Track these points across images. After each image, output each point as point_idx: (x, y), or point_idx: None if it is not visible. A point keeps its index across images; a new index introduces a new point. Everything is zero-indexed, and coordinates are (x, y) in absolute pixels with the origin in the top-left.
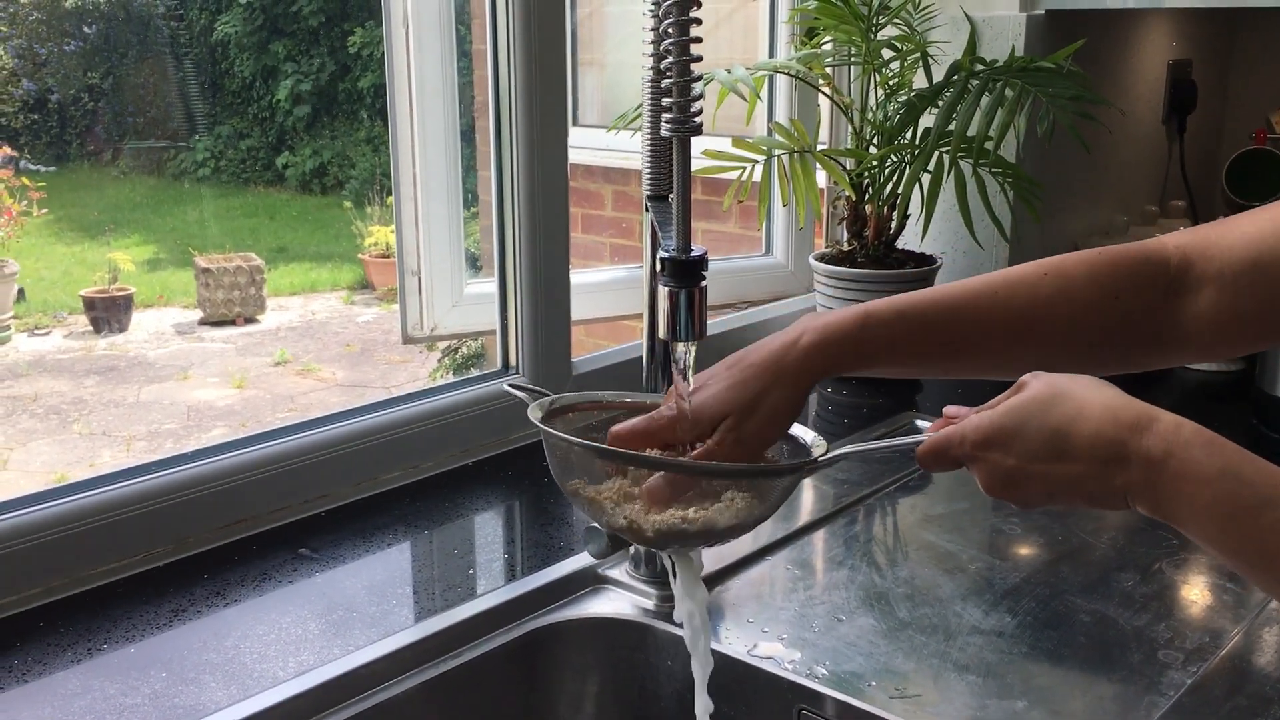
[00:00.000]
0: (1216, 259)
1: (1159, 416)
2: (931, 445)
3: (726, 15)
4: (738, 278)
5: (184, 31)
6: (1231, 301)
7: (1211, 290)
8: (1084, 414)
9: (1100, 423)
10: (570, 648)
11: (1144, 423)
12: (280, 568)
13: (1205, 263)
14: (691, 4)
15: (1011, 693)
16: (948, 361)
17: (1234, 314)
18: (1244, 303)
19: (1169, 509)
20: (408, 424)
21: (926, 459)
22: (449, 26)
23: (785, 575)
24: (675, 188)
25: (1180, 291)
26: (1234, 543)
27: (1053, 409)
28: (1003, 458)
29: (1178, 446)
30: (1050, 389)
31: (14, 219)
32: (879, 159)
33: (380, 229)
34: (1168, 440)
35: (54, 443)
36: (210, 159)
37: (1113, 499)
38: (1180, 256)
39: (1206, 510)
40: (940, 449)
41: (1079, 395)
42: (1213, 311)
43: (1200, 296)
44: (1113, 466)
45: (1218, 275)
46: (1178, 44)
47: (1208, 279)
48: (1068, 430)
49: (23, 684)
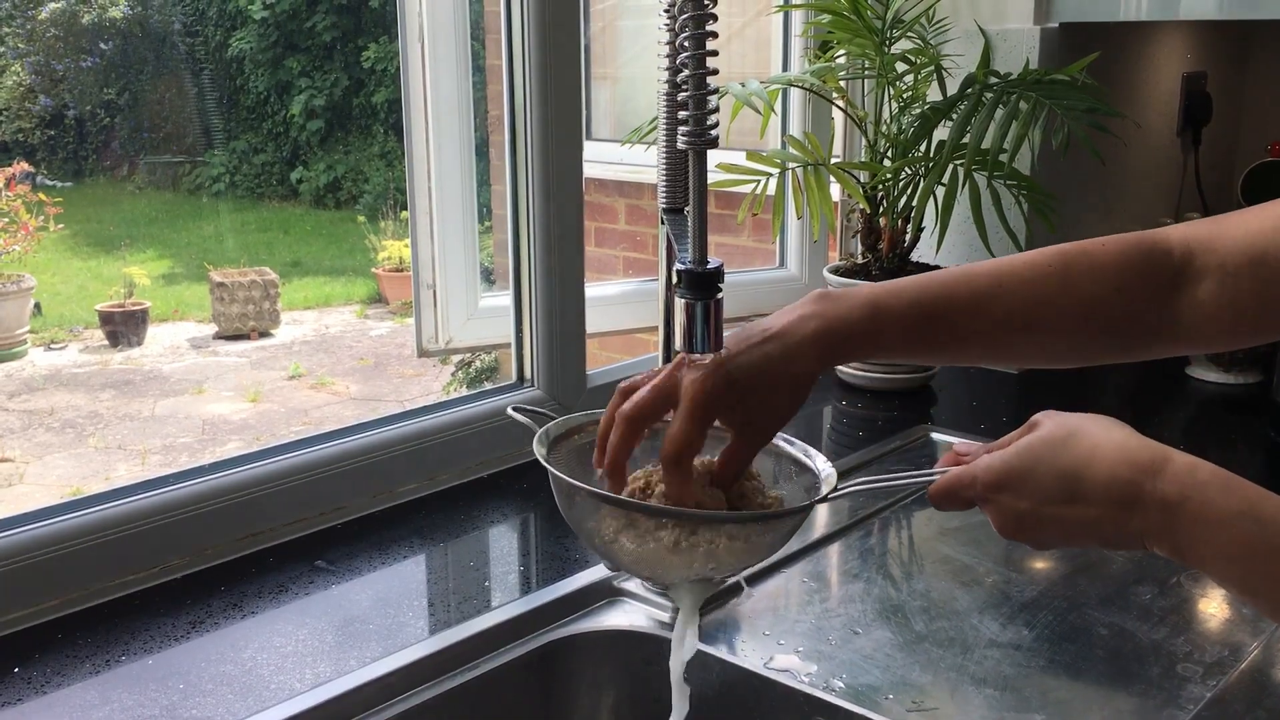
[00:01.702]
0: (1219, 252)
1: (1173, 458)
2: (942, 486)
3: (739, 29)
4: (752, 291)
5: (200, 48)
6: (1232, 294)
7: (1212, 283)
8: (1097, 456)
9: (1114, 465)
10: (586, 660)
11: (1158, 464)
12: (296, 580)
13: (1207, 255)
14: (707, 17)
15: (1029, 706)
16: (953, 351)
17: (1234, 307)
18: (1244, 296)
19: (1187, 552)
20: (423, 437)
21: (938, 499)
22: (464, 41)
23: (801, 588)
24: (691, 199)
25: (1182, 283)
26: (1255, 584)
27: (1065, 451)
28: (1015, 500)
29: (1194, 488)
30: (1063, 429)
31: (31, 234)
32: (893, 172)
33: (394, 243)
34: (1183, 482)
35: (70, 456)
36: (225, 174)
37: (1129, 542)
38: (1184, 248)
39: (1225, 552)
40: (951, 490)
41: (1092, 436)
42: (1213, 304)
43: (1201, 288)
44: (1127, 510)
45: (1219, 268)
46: (1192, 56)
47: (1209, 271)
48: (1080, 473)
49: (41, 695)
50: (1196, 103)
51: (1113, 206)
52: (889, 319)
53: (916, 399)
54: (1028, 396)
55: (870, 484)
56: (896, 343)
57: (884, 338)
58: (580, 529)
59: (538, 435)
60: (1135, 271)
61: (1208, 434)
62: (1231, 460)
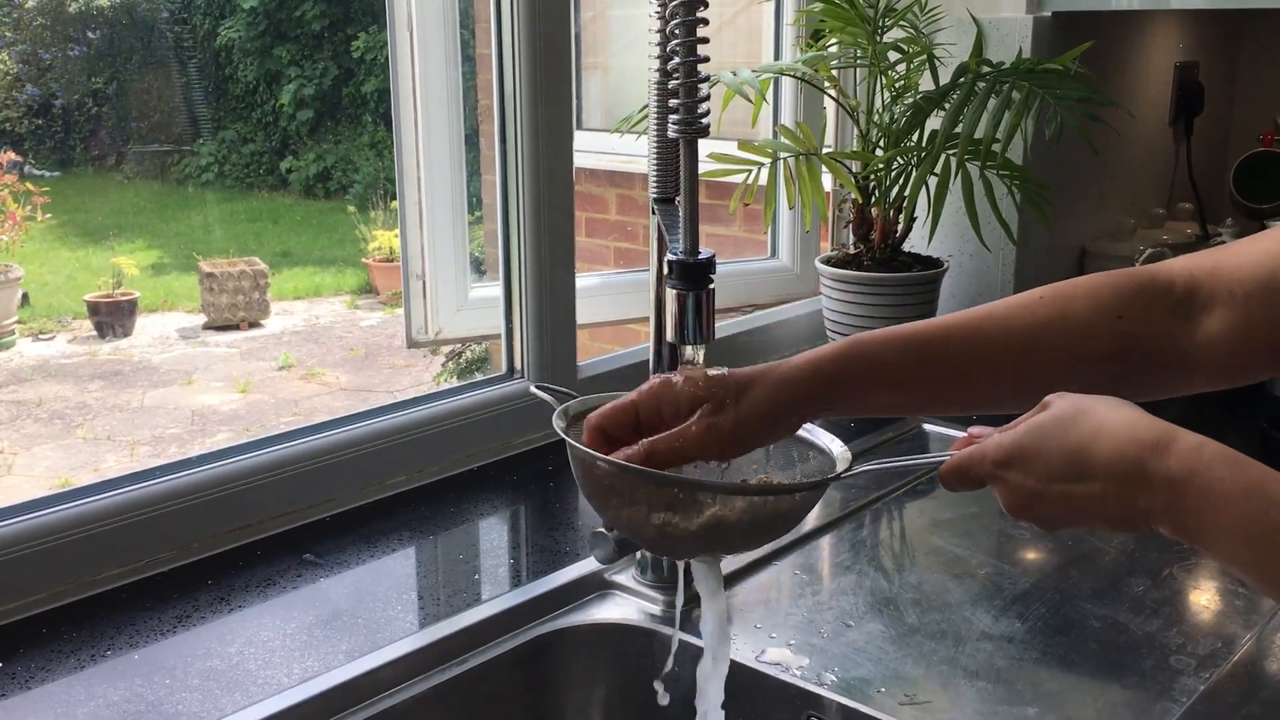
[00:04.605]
0: (1226, 279)
1: (1180, 436)
2: (954, 464)
3: (731, 18)
4: (743, 281)
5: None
6: (1244, 321)
7: (1223, 310)
8: (1104, 433)
9: (1120, 442)
10: (577, 653)
11: (1165, 442)
12: (285, 573)
13: (1215, 283)
14: (697, 5)
15: (1022, 699)
16: (948, 389)
17: (1247, 334)
18: (1257, 322)
19: (1193, 530)
20: (412, 429)
21: (949, 478)
22: (453, 31)
23: (793, 580)
24: (682, 189)
25: (1190, 313)
26: (1263, 564)
27: (1073, 428)
28: (1023, 478)
29: (1201, 466)
30: (1072, 408)
31: (18, 224)
32: (885, 162)
33: (384, 233)
34: (1190, 460)
35: (58, 448)
36: (214, 164)
37: (1135, 520)
38: (1186, 278)
39: (1232, 531)
40: (962, 468)
41: (1099, 414)
42: (1225, 332)
43: (1211, 317)
44: (1133, 487)
45: (1229, 296)
46: (1185, 46)
47: (1218, 299)
48: (1087, 449)
49: (26, 690)
50: (1189, 92)
51: (1105, 196)
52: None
53: None
54: None
55: (885, 464)
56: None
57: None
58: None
59: (557, 411)
60: (1135, 298)
61: (1200, 426)
62: None
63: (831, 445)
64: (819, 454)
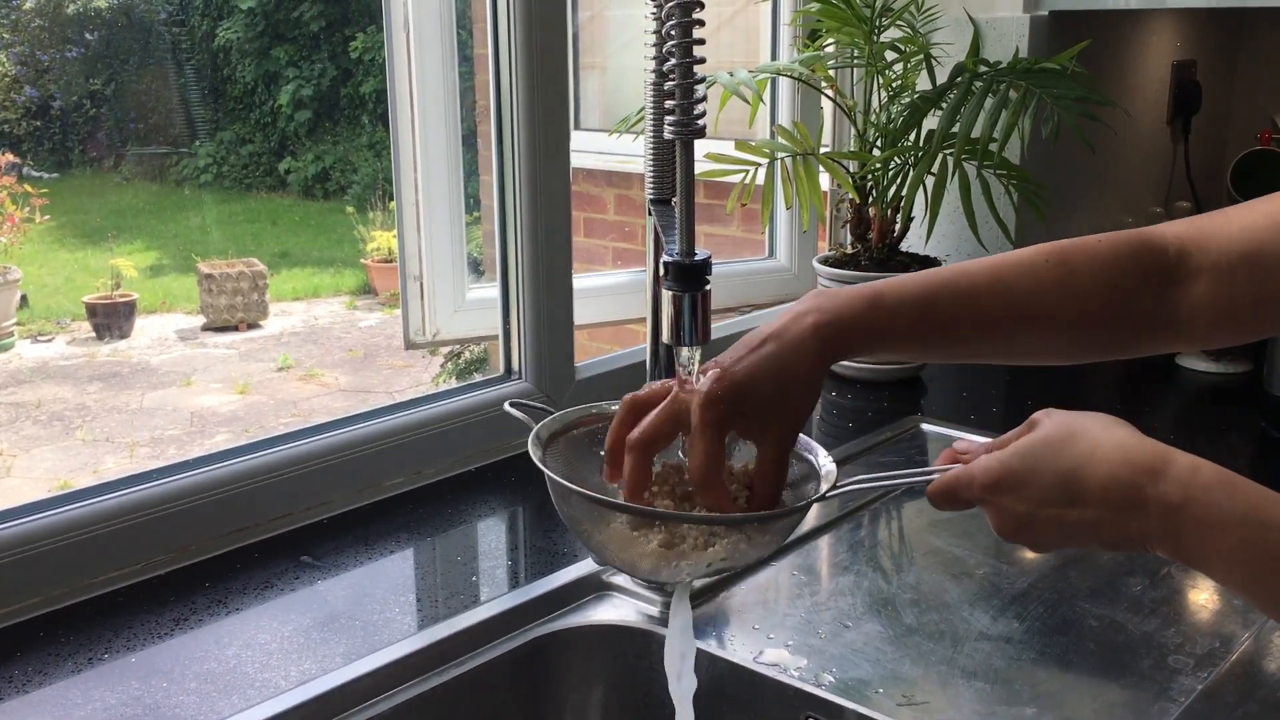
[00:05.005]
0: (1213, 249)
1: (1174, 459)
2: (940, 486)
3: (728, 19)
4: (741, 281)
5: (185, 38)
6: (1227, 291)
7: (1207, 280)
8: (1096, 456)
9: (1113, 465)
10: (575, 655)
11: (1159, 466)
12: (282, 576)
13: (1202, 253)
14: (694, 5)
15: (1020, 699)
16: (953, 347)
17: (1228, 304)
18: (1239, 293)
19: (1191, 555)
20: (410, 430)
21: (937, 500)
22: (450, 31)
23: (790, 581)
24: (679, 190)
25: (1177, 280)
26: (1259, 588)
27: (1064, 451)
28: (1014, 502)
29: (1197, 490)
30: (1062, 429)
31: (17, 226)
32: (882, 161)
33: (383, 234)
34: (1185, 484)
35: (57, 449)
36: (212, 165)
37: (1129, 543)
38: (1178, 245)
39: (1230, 556)
40: (949, 491)
41: (1091, 436)
42: (1208, 301)
43: (1196, 286)
44: (1127, 512)
45: (1213, 266)
46: (1182, 45)
47: (1204, 268)
48: (1080, 474)
49: (23, 694)
50: (1186, 91)
51: (1103, 195)
52: (887, 311)
53: (907, 390)
54: (1017, 387)
55: (868, 482)
56: (895, 336)
57: (882, 330)
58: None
59: (531, 437)
60: (1131, 266)
61: (1198, 424)
62: (1222, 450)
63: (819, 459)
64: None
